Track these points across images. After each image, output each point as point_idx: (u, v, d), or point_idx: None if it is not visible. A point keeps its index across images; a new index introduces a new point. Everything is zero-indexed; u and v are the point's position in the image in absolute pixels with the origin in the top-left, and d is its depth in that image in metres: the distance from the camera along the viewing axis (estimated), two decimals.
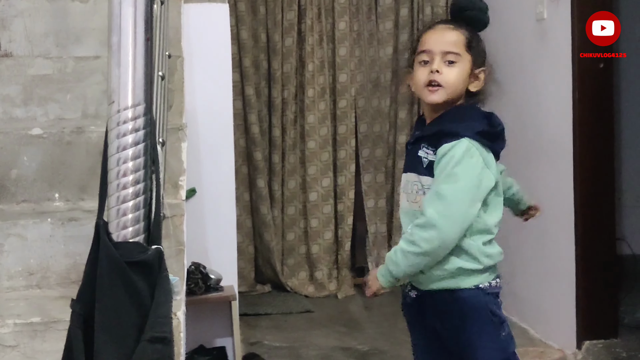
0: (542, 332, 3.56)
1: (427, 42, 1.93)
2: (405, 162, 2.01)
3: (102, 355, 1.48)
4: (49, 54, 2.83)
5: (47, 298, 2.23)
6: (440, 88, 1.89)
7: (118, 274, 1.49)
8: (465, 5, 1.96)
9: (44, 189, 2.49)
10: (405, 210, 1.97)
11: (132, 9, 1.52)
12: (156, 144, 1.60)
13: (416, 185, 1.92)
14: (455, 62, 1.90)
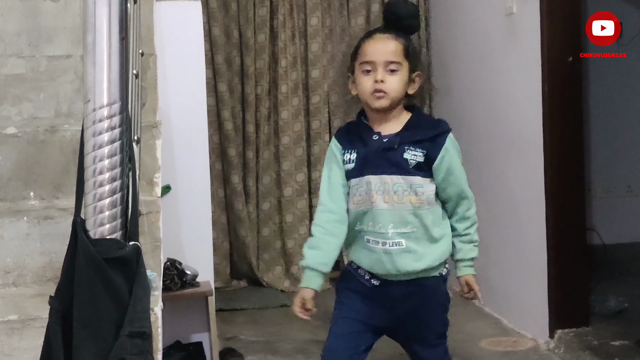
0: (515, 322, 3.61)
1: (370, 53, 2.05)
2: (377, 165, 2.06)
3: (81, 351, 1.50)
4: (22, 53, 2.82)
5: (24, 296, 2.23)
6: (386, 95, 2.03)
7: (96, 271, 1.50)
8: (402, 15, 2.08)
9: (19, 187, 2.50)
10: (387, 209, 2.05)
11: (106, 8, 1.53)
12: (132, 141, 1.62)
13: (401, 186, 2.03)
14: (397, 71, 2.04)
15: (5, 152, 2.49)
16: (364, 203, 2.07)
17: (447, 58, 4.42)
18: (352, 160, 2.10)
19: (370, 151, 2.07)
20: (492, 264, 3.87)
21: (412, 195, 2.04)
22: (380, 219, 2.05)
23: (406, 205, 2.04)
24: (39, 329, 1.91)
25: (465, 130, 4.17)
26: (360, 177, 2.07)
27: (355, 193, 2.09)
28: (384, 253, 2.06)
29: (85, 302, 1.50)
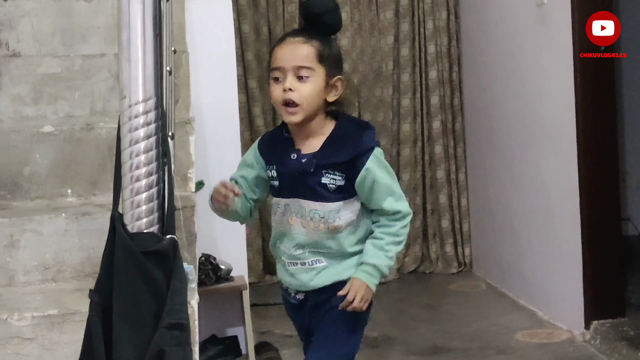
0: (550, 314, 3.59)
1: (279, 59, 1.87)
2: (295, 189, 1.90)
3: (121, 342, 1.53)
4: (57, 52, 2.86)
5: (63, 291, 2.27)
6: (297, 108, 1.85)
7: (135, 264, 1.53)
8: (318, 11, 1.88)
9: (56, 185, 2.54)
10: (304, 234, 1.92)
11: (140, 6, 1.56)
12: (167, 136, 1.64)
13: (317, 213, 1.89)
14: (308, 77, 1.85)
15: (42, 150, 2.54)
16: (283, 224, 1.95)
17: (477, 49, 4.41)
18: (275, 177, 1.94)
19: (288, 173, 1.91)
20: (525, 256, 3.86)
21: (330, 222, 1.89)
22: (297, 242, 1.92)
23: (323, 232, 1.90)
24: (78, 322, 1.94)
25: (496, 121, 4.16)
26: (280, 198, 1.94)
27: (275, 212, 1.97)
28: (300, 272, 1.95)
29: (124, 294, 1.53)
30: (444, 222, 4.66)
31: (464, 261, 4.62)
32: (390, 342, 3.41)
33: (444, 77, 4.64)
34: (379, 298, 4.08)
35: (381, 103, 4.66)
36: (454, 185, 4.65)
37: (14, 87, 2.73)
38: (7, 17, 2.89)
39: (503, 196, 4.13)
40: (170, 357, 1.49)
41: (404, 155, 4.66)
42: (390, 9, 4.64)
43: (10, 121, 2.72)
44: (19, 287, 2.30)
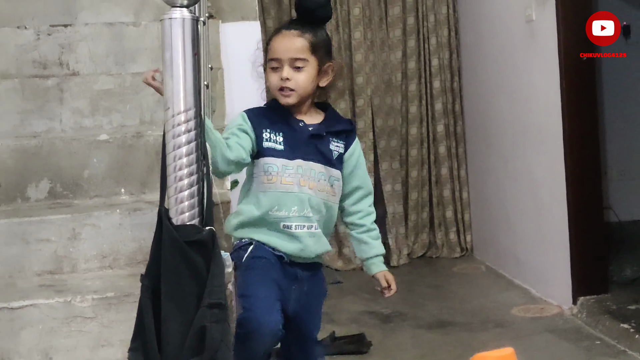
0: (542, 291, 3.57)
1: (276, 51, 1.86)
2: (307, 151, 1.86)
3: (169, 320, 1.54)
4: (110, 71, 2.89)
5: (118, 276, 2.29)
6: (292, 92, 1.85)
7: (179, 252, 1.54)
8: (312, 8, 1.86)
9: (111, 185, 2.57)
10: (313, 195, 1.86)
11: (181, 29, 1.57)
12: (205, 142, 1.65)
13: (323, 175, 1.87)
14: (303, 67, 1.85)
15: (99, 155, 2.57)
16: (292, 186, 1.84)
17: (475, 61, 4.39)
18: (279, 141, 1.85)
19: (299, 136, 1.86)
20: (519, 241, 3.85)
21: (329, 186, 1.88)
22: (307, 204, 1.85)
23: (323, 195, 1.87)
24: (132, 303, 1.96)
25: (492, 123, 4.14)
26: (291, 160, 1.84)
27: (281, 173, 1.83)
28: (309, 236, 1.87)
29: (171, 278, 1.54)
30: (448, 213, 4.64)
31: (465, 247, 4.60)
32: (402, 317, 3.41)
33: (446, 86, 4.62)
34: None
35: (392, 110, 4.65)
36: (456, 180, 4.63)
37: (74, 102, 2.77)
38: (67, 42, 2.92)
39: (499, 189, 4.12)
40: (211, 332, 1.50)
41: (412, 155, 4.65)
42: (398, 27, 4.63)
43: (72, 131, 2.75)
44: (81, 273, 2.33)
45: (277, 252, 1.86)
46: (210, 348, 1.49)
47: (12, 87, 2.76)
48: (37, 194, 2.55)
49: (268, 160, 1.84)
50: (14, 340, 2.08)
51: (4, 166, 2.53)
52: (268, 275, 1.83)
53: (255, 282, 1.81)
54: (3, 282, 2.28)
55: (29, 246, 2.31)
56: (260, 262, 1.83)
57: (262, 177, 1.85)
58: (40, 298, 2.11)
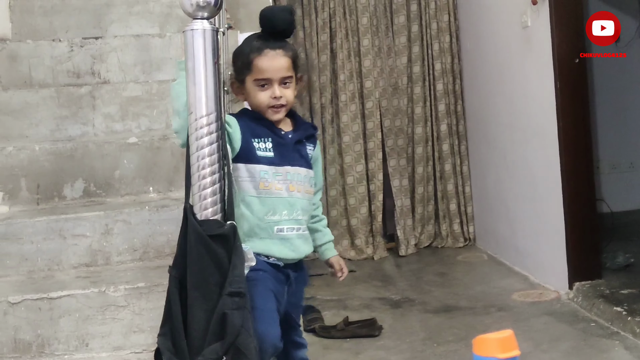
0: (540, 278, 3.55)
1: (265, 71, 1.78)
2: (292, 157, 1.83)
3: (194, 307, 1.54)
4: (138, 79, 2.90)
5: (148, 268, 2.30)
6: (283, 107, 1.81)
7: (203, 245, 1.54)
8: (281, 27, 1.79)
9: (141, 184, 2.57)
10: (301, 198, 1.83)
11: (202, 39, 1.56)
12: (226, 143, 1.65)
13: (305, 178, 1.85)
14: (290, 83, 1.82)
15: (129, 157, 2.57)
16: (282, 191, 1.79)
17: (475, 65, 4.37)
18: (268, 148, 1.80)
19: (285, 143, 1.82)
20: (518, 231, 3.83)
21: (309, 186, 1.86)
22: (296, 207, 1.81)
23: (308, 196, 1.85)
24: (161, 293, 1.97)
25: (492, 122, 4.12)
26: (280, 166, 1.80)
27: (271, 180, 1.79)
28: (297, 238, 1.83)
29: (196, 269, 1.54)
30: (452, 206, 4.62)
31: (468, 237, 4.58)
32: (410, 303, 3.41)
33: (448, 88, 4.60)
34: (401, 268, 4.12)
35: (398, 111, 4.63)
36: (459, 176, 4.61)
37: (105, 108, 2.78)
38: (98, 52, 2.93)
39: (499, 183, 4.09)
40: (232, 318, 1.51)
41: (418, 152, 4.63)
42: (403, 35, 4.61)
43: (103, 135, 2.76)
44: (114, 265, 2.34)
45: (272, 261, 1.81)
46: (231, 333, 1.50)
47: (49, 95, 2.77)
48: (73, 193, 2.56)
49: (263, 168, 1.78)
50: (54, 327, 2.09)
51: (42, 168, 2.54)
52: (266, 286, 1.78)
53: (258, 295, 1.74)
54: (43, 275, 2.29)
55: (66, 241, 2.32)
56: (257, 274, 1.76)
57: (257, 182, 1.78)
58: (77, 288, 2.13)
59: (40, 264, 2.31)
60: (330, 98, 4.56)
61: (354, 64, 4.54)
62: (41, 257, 2.31)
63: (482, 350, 1.24)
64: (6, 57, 2.91)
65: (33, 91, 2.79)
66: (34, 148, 2.56)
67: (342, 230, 4.57)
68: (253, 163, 1.78)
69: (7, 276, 2.29)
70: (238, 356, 1.51)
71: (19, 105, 2.75)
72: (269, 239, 1.80)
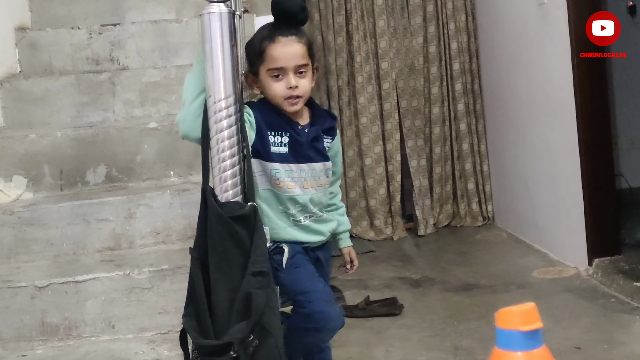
0: (560, 254, 3.53)
1: (279, 59, 1.69)
2: (309, 154, 1.76)
3: (217, 287, 1.55)
4: (156, 65, 2.91)
5: (171, 250, 2.33)
6: (300, 99, 1.73)
7: (225, 227, 1.55)
8: (293, 11, 1.70)
9: (162, 168, 2.59)
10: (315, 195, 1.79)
11: (219, 23, 1.57)
12: (244, 125, 1.65)
13: (323, 172, 1.80)
14: (306, 72, 1.73)
15: (149, 142, 2.59)
16: (295, 189, 1.75)
17: (492, 43, 4.33)
18: (284, 144, 1.73)
19: (301, 140, 1.75)
20: (537, 208, 3.80)
21: (325, 178, 1.81)
22: (311, 203, 1.78)
23: (322, 189, 1.81)
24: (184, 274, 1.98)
25: (510, 99, 4.09)
26: (296, 163, 1.74)
27: (284, 178, 1.74)
28: (315, 222, 1.80)
29: (218, 251, 1.56)
30: (470, 185, 4.60)
31: (487, 216, 4.56)
32: (430, 282, 3.40)
33: (465, 67, 4.56)
34: (420, 247, 4.12)
35: (415, 91, 4.61)
36: (476, 155, 4.59)
37: (124, 94, 2.79)
38: (117, 39, 2.94)
39: (517, 161, 4.07)
40: (256, 297, 1.52)
41: (435, 132, 4.61)
42: (419, 15, 4.57)
43: (124, 120, 2.78)
44: (137, 249, 2.36)
45: (303, 245, 1.80)
46: (256, 312, 1.51)
47: (69, 82, 2.79)
48: (95, 179, 2.58)
49: (274, 166, 1.73)
50: (80, 310, 2.12)
51: (64, 154, 2.57)
52: (309, 269, 1.77)
53: (307, 278, 1.74)
54: (68, 259, 2.32)
55: (90, 226, 2.35)
56: (299, 259, 1.76)
57: (269, 178, 1.74)
58: (102, 272, 2.16)
59: (66, 249, 2.34)
60: (347, 80, 4.55)
61: (370, 45, 4.51)
62: (66, 241, 2.34)
63: (505, 323, 1.24)
64: (26, 45, 2.93)
65: (54, 79, 2.82)
66: (56, 135, 2.58)
67: (361, 211, 4.57)
68: (266, 160, 1.73)
69: (33, 261, 2.32)
70: (263, 334, 1.53)
71: (40, 93, 2.78)
72: (289, 227, 1.77)
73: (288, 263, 1.75)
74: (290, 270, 1.74)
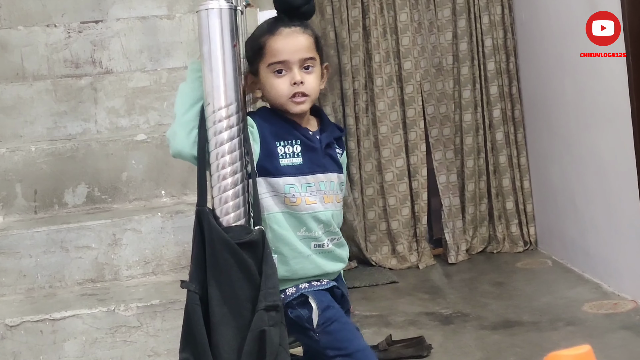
0: (615, 286, 3.52)
1: (281, 52, 1.68)
2: (324, 163, 1.74)
3: (223, 325, 1.55)
4: (145, 67, 2.94)
5: (163, 282, 2.33)
6: (306, 98, 1.70)
7: (231, 254, 1.55)
8: (298, 3, 1.70)
9: (151, 187, 2.60)
10: (335, 210, 1.77)
11: (218, 20, 1.58)
12: (248, 137, 1.66)
13: (339, 185, 1.78)
14: (313, 67, 1.71)
15: (137, 156, 2.60)
16: (316, 205, 1.71)
17: (532, 40, 4.34)
18: (296, 153, 1.71)
19: (315, 146, 1.73)
20: (588, 232, 3.79)
21: (340, 193, 1.79)
22: (333, 220, 1.75)
23: (340, 205, 1.79)
24: (178, 311, 1.99)
25: (554, 106, 4.09)
26: (311, 174, 1.71)
27: (301, 193, 1.70)
28: (338, 247, 1.78)
29: (223, 282, 1.56)
30: (509, 204, 4.60)
31: (529, 240, 4.55)
32: (464, 318, 3.39)
33: (501, 68, 4.58)
34: (450, 277, 4.11)
35: (443, 96, 4.62)
36: (516, 169, 4.59)
37: (109, 101, 2.81)
38: (99, 38, 2.97)
39: (564, 177, 4.06)
40: (270, 336, 1.52)
41: (467, 143, 4.61)
42: (447, 7, 4.59)
43: (108, 132, 2.80)
44: (124, 280, 2.37)
45: (325, 285, 1.76)
46: (271, 353, 1.52)
47: (44, 88, 2.82)
48: (75, 200, 2.60)
49: (288, 180, 1.69)
50: (57, 352, 2.13)
51: (39, 172, 2.59)
52: (348, 321, 1.75)
53: (348, 336, 1.72)
54: (44, 293, 2.33)
55: (69, 254, 2.36)
56: (332, 313, 1.72)
57: (282, 198, 1.69)
58: (82, 308, 2.16)
59: (41, 281, 2.35)
60: (364, 82, 4.57)
61: (390, 43, 4.53)
62: (41, 272, 2.35)
63: None
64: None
65: (26, 84, 2.84)
66: (29, 149, 2.60)
67: (381, 235, 4.57)
68: (275, 176, 1.69)
69: (3, 295, 2.33)
70: None
71: (11, 100, 2.80)
72: (314, 255, 1.73)
73: (320, 320, 1.70)
74: (325, 328, 1.70)
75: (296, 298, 1.71)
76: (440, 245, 4.61)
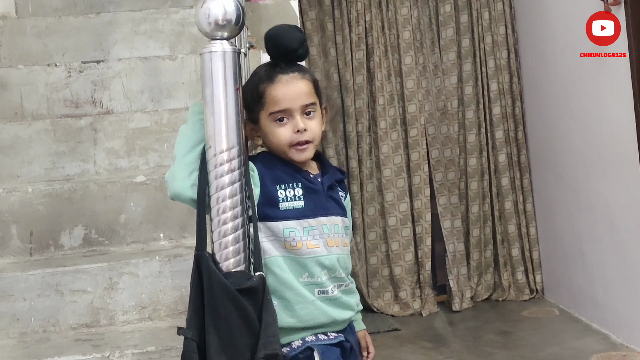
0: (624, 337, 3.49)
1: (282, 100, 1.67)
2: (327, 206, 1.73)
3: None
4: (146, 108, 2.95)
5: (159, 328, 2.31)
6: (309, 144, 1.70)
7: (231, 301, 1.55)
8: (293, 47, 1.68)
9: (150, 230, 2.60)
10: (341, 254, 1.73)
11: (222, 63, 1.59)
12: (250, 181, 1.66)
13: (344, 228, 1.76)
14: (314, 112, 1.71)
15: (136, 198, 2.60)
16: (318, 249, 1.68)
17: (538, 84, 4.37)
18: (298, 197, 1.69)
19: (317, 188, 1.72)
20: (596, 280, 3.78)
21: (346, 237, 1.77)
22: (338, 266, 1.71)
23: (346, 249, 1.75)
24: (174, 358, 1.98)
25: (560, 151, 4.10)
26: (313, 218, 1.69)
27: (302, 237, 1.67)
28: (345, 294, 1.73)
29: (222, 329, 1.55)
30: (514, 251, 4.59)
31: (535, 288, 4.53)
32: None
33: (507, 112, 4.61)
34: (455, 326, 4.08)
35: (448, 139, 4.64)
36: (522, 215, 4.59)
37: (108, 142, 2.82)
38: (100, 78, 2.99)
39: (571, 224, 4.06)
40: None
41: (472, 188, 4.62)
42: (452, 51, 4.64)
43: (106, 173, 2.80)
44: (119, 326, 2.35)
45: (332, 339, 1.71)
46: None
47: (43, 128, 2.83)
48: (71, 242, 2.59)
49: (288, 224, 1.67)
50: None
51: (35, 213, 2.59)
52: None
53: None
54: (36, 337, 2.31)
55: (64, 298, 2.34)
56: None
57: (282, 242, 1.68)
58: (76, 354, 2.14)
59: (34, 325, 2.33)
60: (367, 125, 4.59)
61: (394, 85, 4.57)
62: (35, 316, 2.33)
63: None
64: None
65: (25, 124, 2.86)
66: (26, 190, 2.60)
67: (383, 280, 4.56)
68: (274, 220, 1.67)
69: None
70: None
71: (9, 140, 2.81)
72: (318, 300, 1.69)
73: None
74: None
75: (303, 351, 1.67)
76: (444, 292, 4.59)
